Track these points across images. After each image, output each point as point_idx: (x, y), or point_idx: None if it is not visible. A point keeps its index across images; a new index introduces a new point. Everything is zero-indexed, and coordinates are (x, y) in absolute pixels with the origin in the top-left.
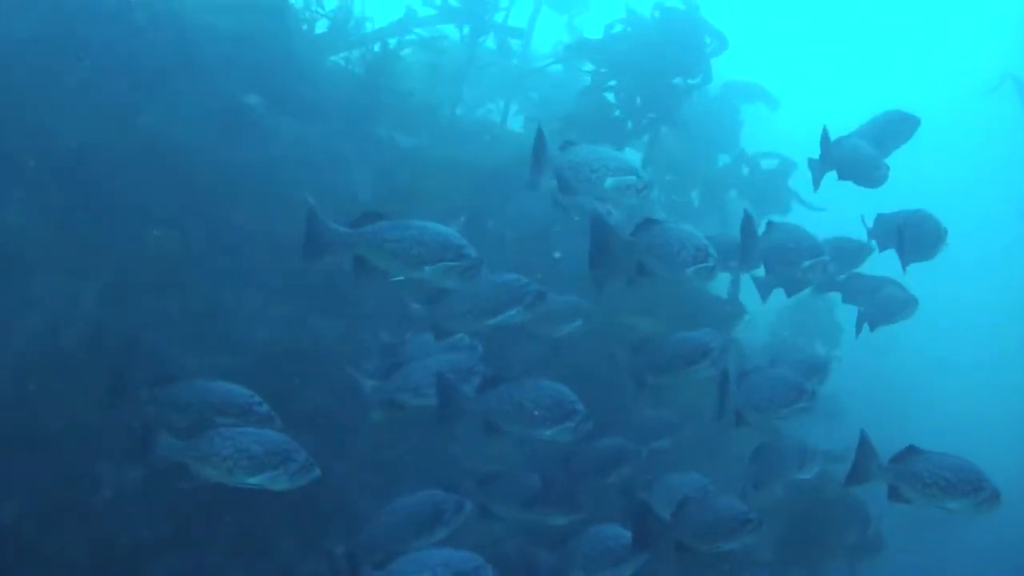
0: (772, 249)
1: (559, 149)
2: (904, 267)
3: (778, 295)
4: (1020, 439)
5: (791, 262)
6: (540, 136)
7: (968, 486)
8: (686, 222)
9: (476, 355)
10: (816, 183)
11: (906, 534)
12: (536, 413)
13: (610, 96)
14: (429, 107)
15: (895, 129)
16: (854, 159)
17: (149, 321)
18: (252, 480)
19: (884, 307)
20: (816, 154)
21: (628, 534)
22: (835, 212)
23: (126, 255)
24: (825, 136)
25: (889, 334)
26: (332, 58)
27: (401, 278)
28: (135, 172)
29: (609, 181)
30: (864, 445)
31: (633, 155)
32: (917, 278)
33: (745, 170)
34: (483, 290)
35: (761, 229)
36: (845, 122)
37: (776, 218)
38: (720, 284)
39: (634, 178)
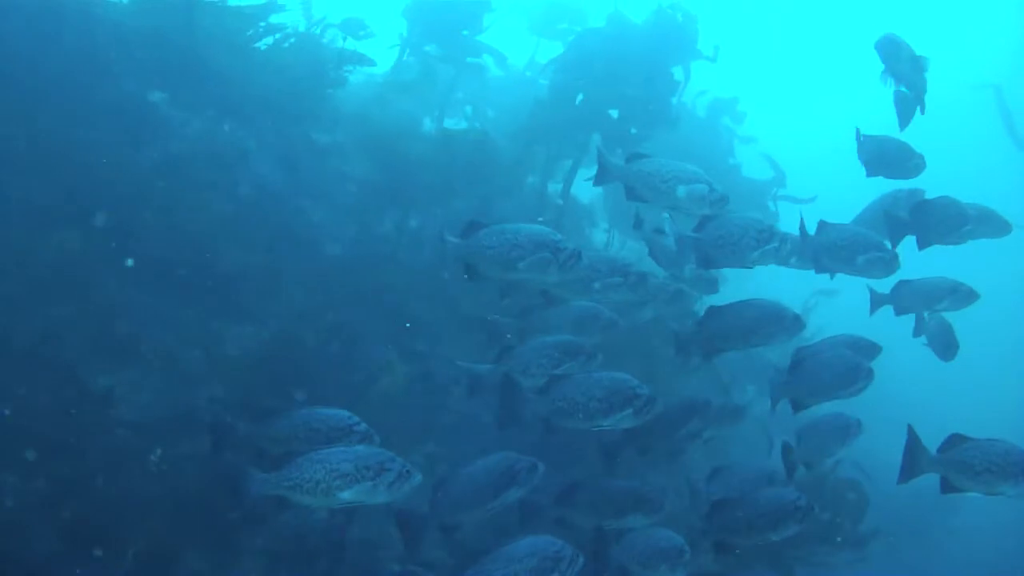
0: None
1: (626, 160)
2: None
3: None
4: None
5: (846, 258)
6: (601, 150)
7: (1019, 467)
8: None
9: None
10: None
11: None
12: (592, 406)
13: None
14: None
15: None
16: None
17: (50, 327)
18: (348, 497)
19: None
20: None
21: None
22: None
23: (27, 257)
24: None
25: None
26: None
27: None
28: (37, 173)
29: (681, 190)
30: (912, 440)
31: None
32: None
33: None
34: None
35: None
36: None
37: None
38: None
39: (706, 187)
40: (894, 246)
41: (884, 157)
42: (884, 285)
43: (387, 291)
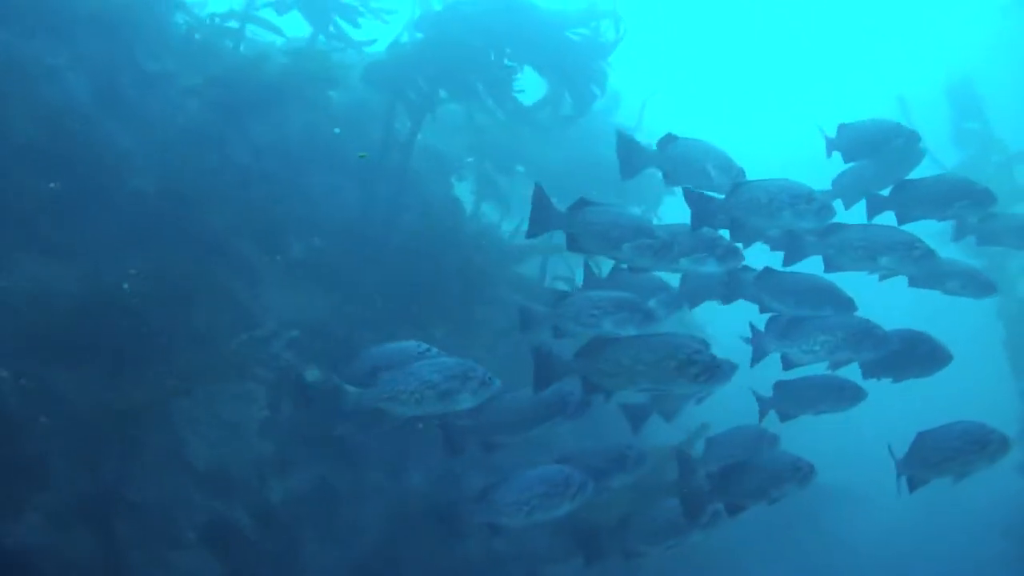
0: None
1: (658, 145)
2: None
3: None
4: None
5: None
6: (625, 137)
7: (975, 445)
8: None
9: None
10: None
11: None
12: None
13: None
14: None
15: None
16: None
17: None
18: (438, 404)
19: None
20: None
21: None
22: None
23: None
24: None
25: None
26: None
27: None
28: None
29: (711, 168)
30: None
31: None
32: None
33: None
34: None
35: None
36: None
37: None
38: None
39: (738, 168)
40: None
41: (864, 140)
42: None
43: (208, 231)
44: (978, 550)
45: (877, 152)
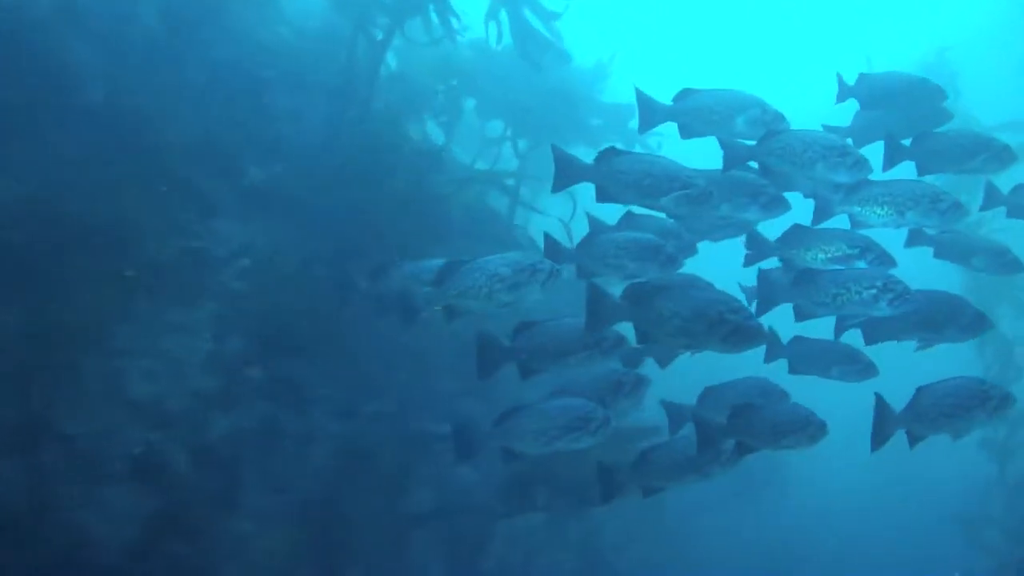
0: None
1: (676, 99)
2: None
3: None
4: None
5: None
6: (643, 95)
7: (975, 400)
8: None
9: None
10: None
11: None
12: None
13: None
14: None
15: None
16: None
17: None
18: (508, 298)
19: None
20: None
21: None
22: None
23: None
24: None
25: None
26: None
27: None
28: None
29: (740, 119)
30: (880, 406)
31: None
32: None
33: None
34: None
35: None
36: None
37: None
38: None
39: (759, 111)
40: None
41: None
42: None
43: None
44: (930, 532)
45: (897, 103)
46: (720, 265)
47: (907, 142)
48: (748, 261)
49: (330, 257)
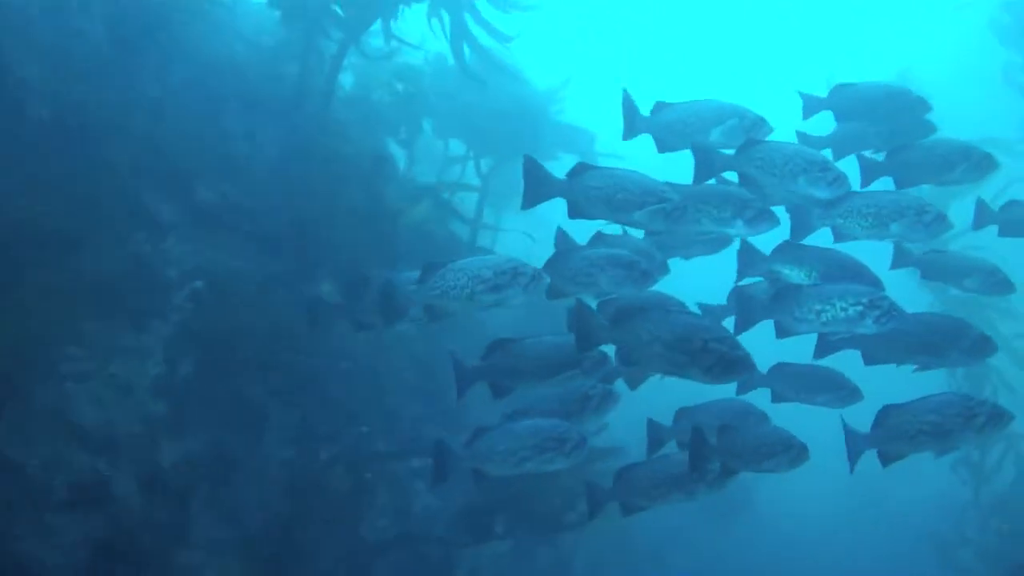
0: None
1: (652, 113)
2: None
3: None
4: None
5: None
6: (629, 99)
7: (959, 419)
8: None
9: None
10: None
11: None
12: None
13: None
14: None
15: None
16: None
17: None
18: (489, 299)
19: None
20: None
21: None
22: None
23: None
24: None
25: None
26: None
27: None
28: None
29: (716, 131)
30: (848, 431)
31: None
32: None
33: None
34: None
35: None
36: None
37: None
38: None
39: (737, 120)
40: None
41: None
42: None
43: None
44: (904, 555)
45: (876, 115)
46: (681, 283)
47: (882, 156)
48: (741, 276)
49: (286, 277)
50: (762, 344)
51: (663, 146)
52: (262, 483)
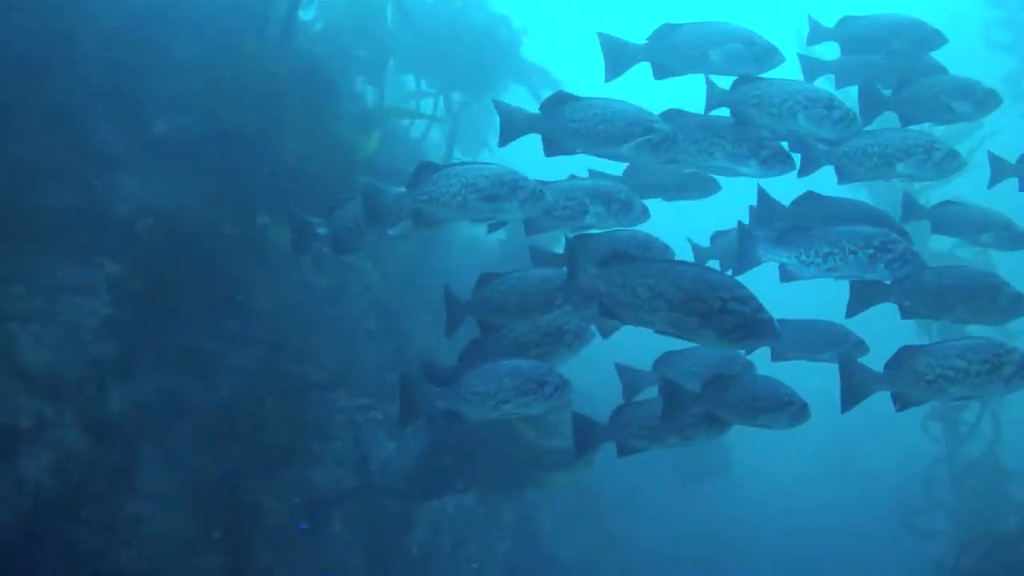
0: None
1: (653, 37)
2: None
3: None
4: None
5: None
6: (608, 37)
7: (986, 366)
8: None
9: None
10: None
11: None
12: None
13: None
14: None
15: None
16: None
17: None
18: (482, 209)
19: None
20: None
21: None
22: None
23: None
24: None
25: None
26: None
27: None
28: None
29: (714, 54)
30: (847, 364)
31: None
32: None
33: None
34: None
35: None
36: None
37: None
38: None
39: (742, 45)
40: (867, 123)
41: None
42: None
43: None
44: (868, 516)
45: (885, 47)
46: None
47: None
48: (753, 224)
49: (237, 214)
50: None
51: (661, 72)
52: (213, 430)
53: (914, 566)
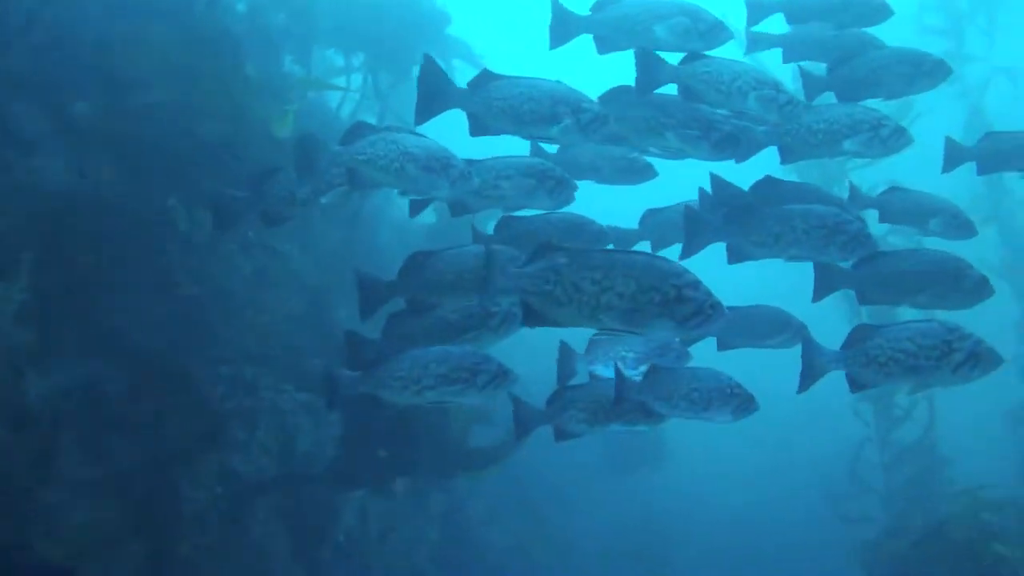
0: None
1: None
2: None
3: None
4: None
5: None
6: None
7: (935, 351)
8: None
9: None
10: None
11: None
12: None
13: None
14: None
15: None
16: None
17: None
18: (417, 177)
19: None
20: None
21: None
22: None
23: None
24: None
25: None
26: None
27: None
28: None
29: (659, 28)
30: (808, 343)
31: None
32: None
33: None
34: None
35: None
36: None
37: None
38: None
39: (688, 20)
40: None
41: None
42: None
43: None
44: (810, 509)
45: (834, 17)
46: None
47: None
48: (704, 207)
49: (153, 196)
50: None
51: (604, 45)
52: (134, 417)
53: (845, 552)
